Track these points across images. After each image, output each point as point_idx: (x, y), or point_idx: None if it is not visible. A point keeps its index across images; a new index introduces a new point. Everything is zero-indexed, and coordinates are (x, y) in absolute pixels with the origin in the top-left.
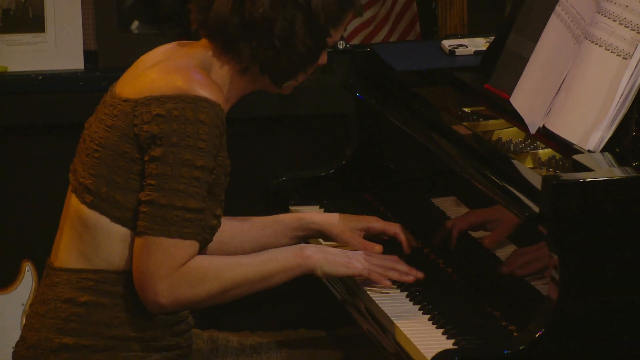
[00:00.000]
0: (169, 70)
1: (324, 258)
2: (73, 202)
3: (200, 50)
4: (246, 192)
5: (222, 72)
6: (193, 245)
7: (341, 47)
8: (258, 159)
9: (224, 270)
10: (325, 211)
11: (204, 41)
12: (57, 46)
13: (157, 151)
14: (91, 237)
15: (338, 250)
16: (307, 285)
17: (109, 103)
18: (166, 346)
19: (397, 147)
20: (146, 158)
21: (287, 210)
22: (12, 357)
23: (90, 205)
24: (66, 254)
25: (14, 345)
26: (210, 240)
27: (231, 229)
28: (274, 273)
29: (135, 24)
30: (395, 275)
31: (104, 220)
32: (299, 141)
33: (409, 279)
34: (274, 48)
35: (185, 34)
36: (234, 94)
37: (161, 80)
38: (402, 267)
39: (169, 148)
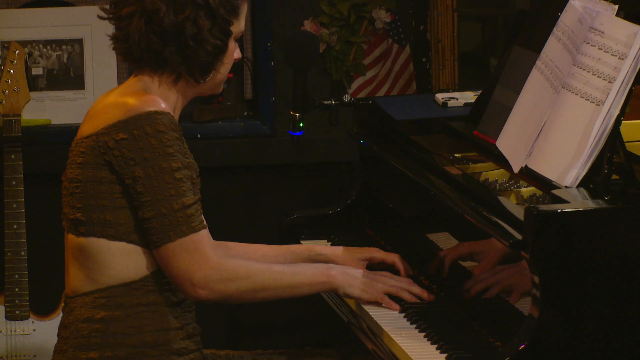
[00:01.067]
0: (116, 102)
1: (347, 280)
2: (70, 239)
3: (135, 81)
4: (263, 227)
5: (161, 88)
6: (205, 232)
7: (346, 100)
8: (274, 199)
9: (255, 272)
10: (332, 245)
11: (134, 75)
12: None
13: (136, 171)
14: (94, 262)
15: (360, 272)
16: (315, 309)
17: (74, 148)
18: (179, 350)
19: (396, 187)
20: (128, 181)
21: (298, 242)
22: None
23: (86, 234)
24: (76, 282)
25: None
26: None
27: (248, 254)
28: (300, 285)
29: None
30: (407, 297)
31: (102, 242)
32: (309, 184)
33: (416, 300)
34: (189, 47)
35: None
36: (178, 104)
37: (112, 110)
38: (415, 288)
39: (145, 164)
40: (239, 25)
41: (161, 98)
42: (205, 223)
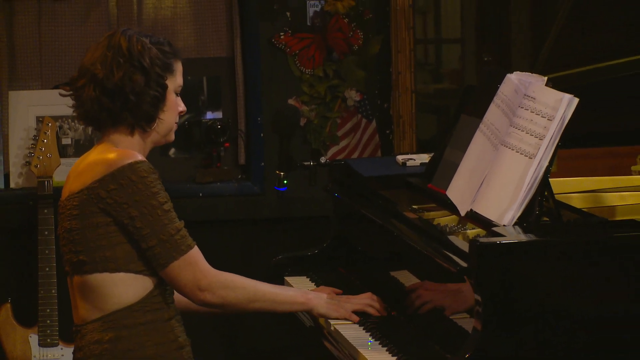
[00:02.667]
0: (97, 159)
1: (319, 303)
2: (75, 280)
3: (104, 142)
4: (255, 268)
5: (125, 141)
6: (197, 249)
7: (323, 162)
8: (264, 246)
9: (249, 285)
10: (310, 280)
11: (100, 140)
12: None
13: (132, 212)
14: (99, 293)
15: (330, 296)
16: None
17: (65, 205)
18: (174, 359)
19: (364, 233)
20: (127, 221)
21: (282, 279)
22: None
23: (90, 271)
24: (84, 313)
25: None
26: None
27: None
28: (284, 301)
29: (172, 150)
30: (371, 311)
31: (105, 275)
32: (293, 234)
33: (378, 313)
34: (130, 100)
35: (209, 158)
36: (142, 153)
37: (96, 167)
38: (376, 304)
39: (138, 205)
40: (175, 80)
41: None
42: (194, 242)
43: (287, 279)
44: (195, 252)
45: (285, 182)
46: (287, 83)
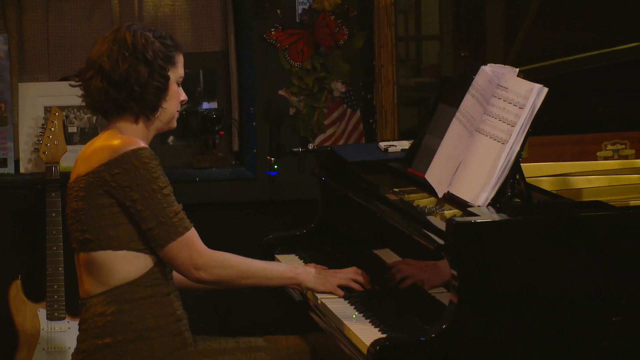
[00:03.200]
0: (103, 145)
1: (308, 277)
2: (81, 257)
3: (110, 129)
4: (247, 247)
5: (129, 129)
6: (194, 231)
7: (310, 148)
8: (256, 226)
9: (242, 263)
10: (299, 258)
11: (108, 126)
12: None
13: (134, 195)
14: (103, 269)
15: (318, 270)
16: (286, 313)
17: (73, 186)
18: (173, 330)
19: (349, 214)
20: (129, 204)
21: (273, 257)
22: None
23: (95, 249)
24: (89, 287)
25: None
26: None
27: None
28: (274, 276)
29: (171, 137)
30: (355, 286)
31: (108, 253)
32: (282, 216)
33: (362, 288)
34: (135, 91)
35: (205, 145)
36: (145, 139)
37: (102, 152)
38: (360, 277)
39: (140, 189)
40: (177, 72)
41: (133, 136)
42: (192, 224)
43: (278, 256)
44: (192, 234)
45: (275, 167)
46: (278, 75)
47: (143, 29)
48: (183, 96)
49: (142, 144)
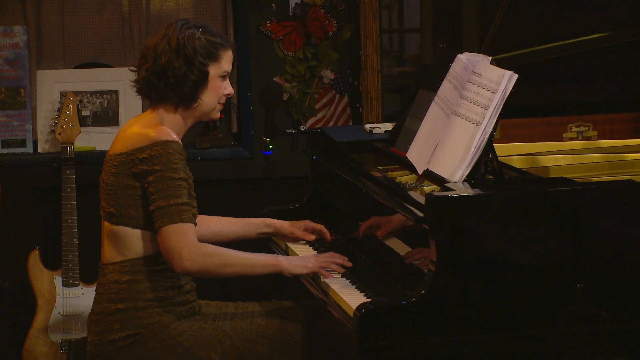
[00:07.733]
0: (140, 132)
1: (290, 264)
2: (105, 225)
3: (152, 113)
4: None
5: (168, 117)
6: (191, 226)
7: (302, 130)
8: (252, 202)
9: (225, 252)
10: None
11: (151, 109)
12: None
13: (150, 178)
14: (122, 241)
15: (298, 257)
16: (279, 280)
17: (109, 160)
18: (180, 302)
19: (337, 189)
20: (145, 185)
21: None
22: (87, 322)
23: (117, 223)
24: (109, 254)
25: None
26: (195, 224)
27: (222, 224)
28: (257, 265)
29: None
30: (334, 267)
31: (127, 229)
32: (277, 192)
33: (342, 269)
34: (171, 82)
35: (207, 127)
36: (182, 129)
37: (137, 138)
38: (338, 259)
39: (157, 173)
40: (220, 67)
41: (170, 123)
42: (195, 222)
43: None
44: (187, 226)
45: (270, 147)
46: (273, 64)
47: (194, 24)
48: (227, 90)
49: (175, 138)
